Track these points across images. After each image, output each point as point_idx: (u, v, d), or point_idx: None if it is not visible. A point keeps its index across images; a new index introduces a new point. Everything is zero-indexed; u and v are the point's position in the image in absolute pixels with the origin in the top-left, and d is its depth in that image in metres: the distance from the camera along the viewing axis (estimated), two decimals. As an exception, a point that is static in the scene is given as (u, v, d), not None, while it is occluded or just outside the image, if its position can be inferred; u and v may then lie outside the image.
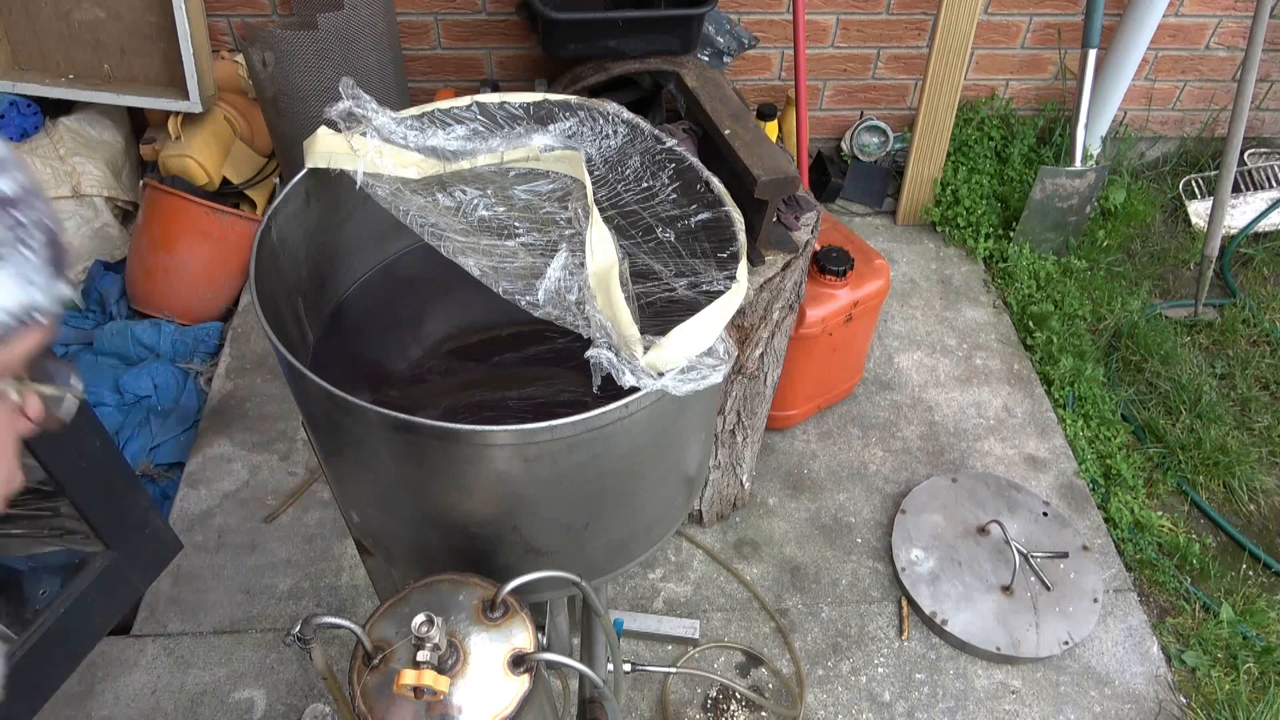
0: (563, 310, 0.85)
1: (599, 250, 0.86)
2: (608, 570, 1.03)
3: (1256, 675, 1.83)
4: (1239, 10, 2.73)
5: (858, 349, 2.18)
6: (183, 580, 1.85)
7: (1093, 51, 2.50)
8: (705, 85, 1.72)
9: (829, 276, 1.90)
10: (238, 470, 2.05)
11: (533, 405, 0.98)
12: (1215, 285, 2.67)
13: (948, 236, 2.74)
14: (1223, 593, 1.96)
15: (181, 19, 2.16)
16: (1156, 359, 2.41)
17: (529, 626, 0.83)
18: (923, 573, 1.91)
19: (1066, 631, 1.82)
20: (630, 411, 0.80)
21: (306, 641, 0.84)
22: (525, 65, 2.63)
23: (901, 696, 1.76)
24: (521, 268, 0.90)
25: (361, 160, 0.97)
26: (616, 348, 0.79)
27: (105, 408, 2.08)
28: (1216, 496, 2.17)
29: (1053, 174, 2.55)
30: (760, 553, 1.98)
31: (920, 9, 2.64)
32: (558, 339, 0.95)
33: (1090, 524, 2.06)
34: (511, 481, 0.85)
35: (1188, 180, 2.92)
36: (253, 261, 0.90)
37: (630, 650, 1.80)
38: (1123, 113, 2.92)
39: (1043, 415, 2.29)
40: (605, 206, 1.00)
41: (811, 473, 2.14)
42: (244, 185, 2.44)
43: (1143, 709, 1.77)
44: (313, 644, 0.85)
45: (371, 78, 2.15)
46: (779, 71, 2.74)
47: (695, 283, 0.92)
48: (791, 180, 1.47)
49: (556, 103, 1.07)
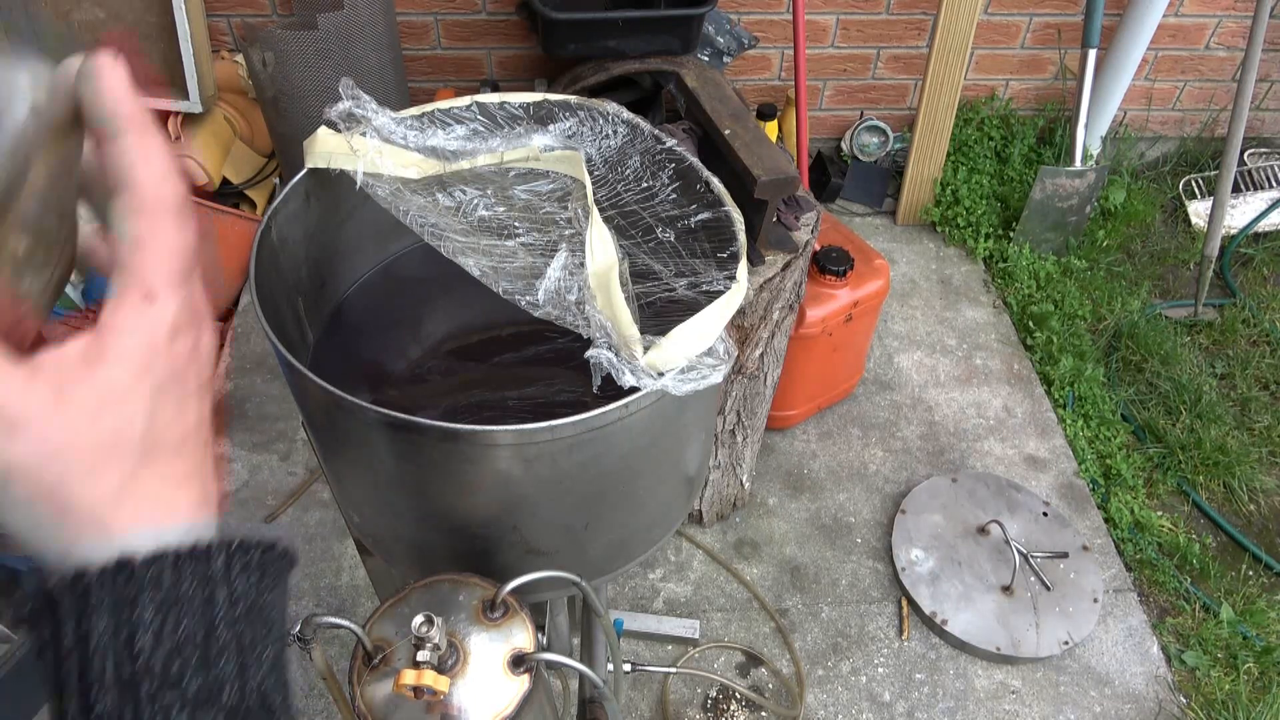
0: (563, 310, 0.85)
1: (599, 250, 0.85)
2: (608, 570, 1.03)
3: (1256, 675, 1.83)
4: (1239, 10, 2.73)
5: (858, 349, 2.18)
6: (183, 580, 1.85)
7: (1093, 51, 2.50)
8: (705, 85, 1.72)
9: (829, 276, 1.90)
10: (238, 470, 2.05)
11: (533, 405, 0.98)
12: (1215, 285, 2.67)
13: (948, 236, 2.74)
14: (1223, 593, 1.96)
15: (181, 19, 2.16)
16: (1156, 359, 2.41)
17: (529, 626, 0.83)
18: (923, 573, 1.91)
19: (1066, 631, 1.82)
20: (630, 411, 0.80)
21: (306, 641, 0.84)
22: (525, 65, 2.63)
23: (901, 696, 1.76)
24: (521, 268, 0.90)
25: (361, 160, 0.97)
26: (616, 348, 0.79)
27: (105, 408, 2.08)
28: (1216, 496, 2.17)
29: (1053, 174, 2.55)
30: (760, 553, 1.98)
31: (920, 9, 2.64)
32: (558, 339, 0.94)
33: (1090, 524, 2.06)
34: (511, 481, 0.85)
35: (1188, 180, 2.92)
36: (253, 261, 0.90)
37: (630, 650, 1.80)
38: (1123, 113, 2.92)
39: (1043, 415, 2.29)
40: (605, 206, 1.00)
41: (811, 473, 2.14)
42: (244, 185, 2.44)
43: (1143, 709, 1.77)
44: (313, 644, 0.85)
45: (371, 78, 2.15)
46: (779, 71, 2.74)
47: (695, 283, 0.92)
48: (791, 180, 1.47)
49: (556, 103, 1.07)
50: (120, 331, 0.37)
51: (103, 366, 0.36)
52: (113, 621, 0.35)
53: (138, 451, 0.37)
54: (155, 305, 0.38)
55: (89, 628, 0.35)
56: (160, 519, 0.38)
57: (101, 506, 0.36)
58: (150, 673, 0.36)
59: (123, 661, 0.35)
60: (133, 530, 0.37)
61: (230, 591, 0.38)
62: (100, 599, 0.35)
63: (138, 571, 0.36)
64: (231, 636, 0.38)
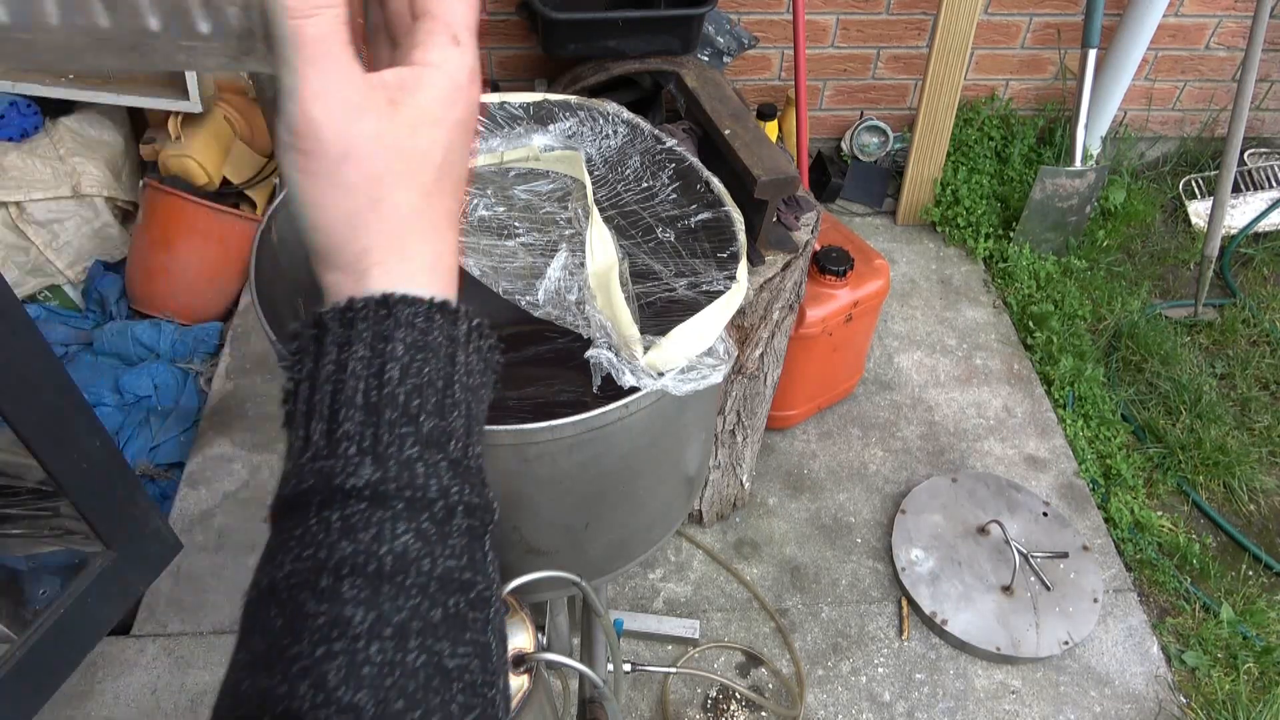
0: (563, 310, 0.85)
1: (599, 250, 0.86)
2: (608, 570, 1.03)
3: (1256, 675, 1.83)
4: (1239, 10, 2.73)
5: (858, 349, 2.18)
6: (183, 580, 1.85)
7: (1093, 51, 2.50)
8: (705, 85, 1.72)
9: (829, 276, 1.90)
10: (238, 470, 2.05)
11: (533, 405, 0.98)
12: (1215, 285, 2.67)
13: (948, 236, 2.74)
14: (1223, 593, 1.96)
15: (181, 19, 2.16)
16: (1156, 359, 2.41)
17: (529, 626, 0.83)
18: (923, 573, 1.91)
19: (1066, 631, 1.82)
20: (630, 411, 0.80)
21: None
22: (525, 65, 2.63)
23: (901, 696, 1.76)
24: (521, 268, 0.90)
25: (361, 160, 0.97)
26: (616, 348, 0.79)
27: (105, 408, 2.08)
28: (1216, 496, 2.17)
29: (1053, 174, 2.55)
30: (760, 553, 1.98)
31: (920, 9, 2.64)
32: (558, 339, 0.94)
33: (1090, 524, 2.06)
34: (511, 481, 0.85)
35: (1188, 180, 2.92)
36: (252, 261, 0.90)
37: (630, 650, 1.80)
38: (1123, 113, 2.92)
39: (1043, 415, 2.29)
40: (605, 206, 1.00)
41: (811, 473, 2.14)
42: (244, 185, 2.43)
43: (1143, 709, 1.77)
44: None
45: (371, 78, 2.15)
46: (779, 71, 2.74)
47: (695, 283, 0.92)
48: (791, 180, 1.47)
49: (556, 103, 1.07)
50: (434, 66, 0.41)
51: (420, 91, 0.41)
52: (369, 351, 0.39)
53: (434, 175, 0.41)
54: (459, 48, 0.42)
55: (349, 355, 0.39)
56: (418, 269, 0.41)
57: (398, 220, 0.41)
58: (394, 401, 0.39)
59: (371, 388, 0.39)
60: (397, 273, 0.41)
61: (467, 358, 0.42)
62: (363, 329, 0.39)
63: (396, 309, 0.40)
64: (463, 397, 0.42)
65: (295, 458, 0.40)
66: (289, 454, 0.41)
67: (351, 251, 0.40)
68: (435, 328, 0.41)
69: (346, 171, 0.39)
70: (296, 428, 0.40)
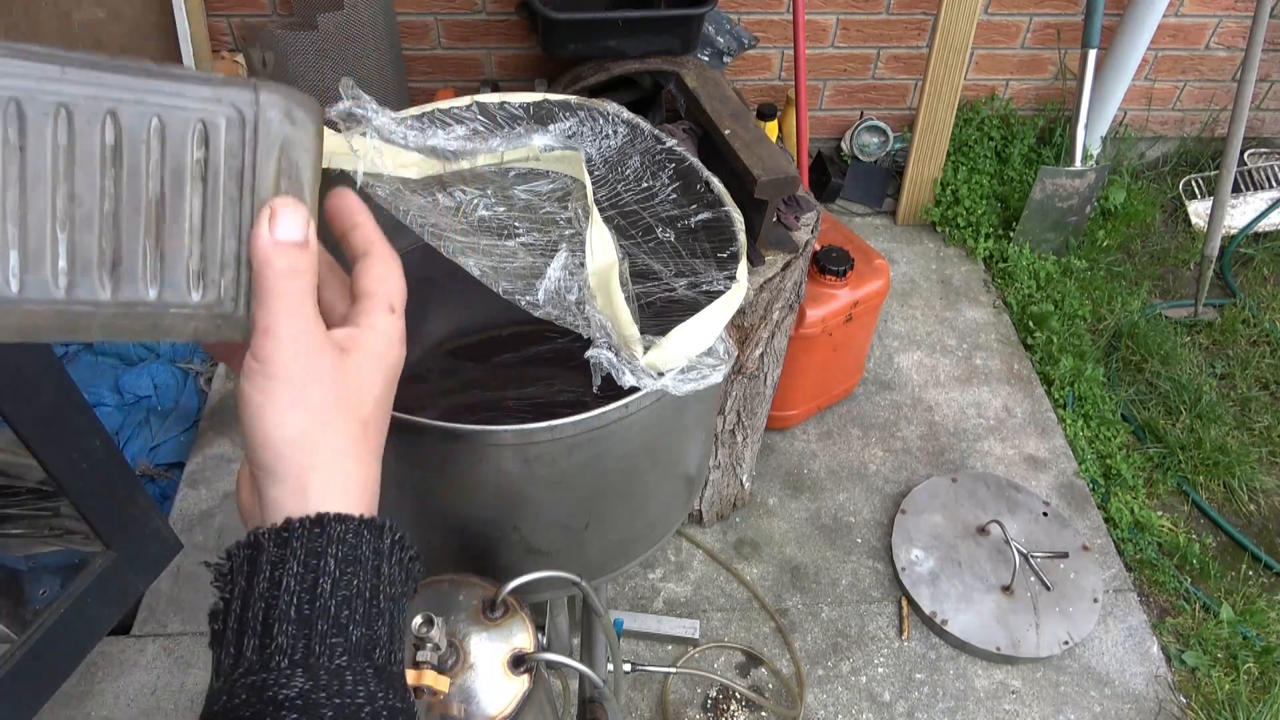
0: (563, 310, 0.85)
1: (599, 250, 0.85)
2: (608, 570, 1.03)
3: (1256, 675, 1.83)
4: (1239, 10, 2.73)
5: (858, 349, 2.18)
6: (183, 580, 1.85)
7: (1093, 51, 2.50)
8: (705, 85, 1.72)
9: (829, 276, 1.90)
10: (237, 470, 2.05)
11: (533, 405, 0.98)
12: (1215, 285, 2.67)
13: (948, 236, 2.74)
14: (1223, 593, 1.96)
15: (181, 19, 2.16)
16: (1156, 359, 2.41)
17: (529, 626, 0.83)
18: (923, 573, 1.91)
19: (1066, 631, 1.82)
20: (630, 411, 0.80)
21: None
22: (525, 65, 2.63)
23: (901, 696, 1.76)
24: (521, 268, 0.90)
25: (361, 160, 0.97)
26: (616, 348, 0.79)
27: (105, 408, 2.08)
28: (1216, 496, 2.17)
29: (1053, 174, 2.55)
30: (760, 553, 1.98)
31: (920, 9, 2.64)
32: (558, 339, 0.94)
33: (1090, 524, 2.06)
34: (512, 481, 0.85)
35: (1188, 180, 2.92)
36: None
37: (630, 650, 1.80)
38: (1123, 113, 2.92)
39: (1043, 415, 2.29)
40: (605, 206, 1.00)
41: (811, 473, 2.14)
42: (244, 185, 2.43)
43: (1143, 709, 1.77)
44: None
45: (371, 78, 2.15)
46: (779, 71, 2.74)
47: (695, 283, 0.92)
48: (791, 180, 1.47)
49: (556, 103, 1.07)
50: (375, 329, 0.49)
51: (365, 344, 0.48)
52: (302, 567, 0.43)
53: (371, 409, 0.48)
54: (393, 315, 0.50)
55: (283, 572, 0.42)
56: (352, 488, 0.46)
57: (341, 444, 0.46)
58: (326, 613, 0.42)
59: (304, 601, 0.42)
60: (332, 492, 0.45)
61: (390, 569, 0.46)
62: (298, 547, 0.43)
63: (329, 526, 0.44)
64: (387, 606, 0.45)
65: (226, 674, 0.42)
66: (217, 670, 0.43)
67: (298, 466, 0.44)
68: (364, 542, 0.45)
69: (309, 395, 0.44)
70: (227, 645, 0.43)
